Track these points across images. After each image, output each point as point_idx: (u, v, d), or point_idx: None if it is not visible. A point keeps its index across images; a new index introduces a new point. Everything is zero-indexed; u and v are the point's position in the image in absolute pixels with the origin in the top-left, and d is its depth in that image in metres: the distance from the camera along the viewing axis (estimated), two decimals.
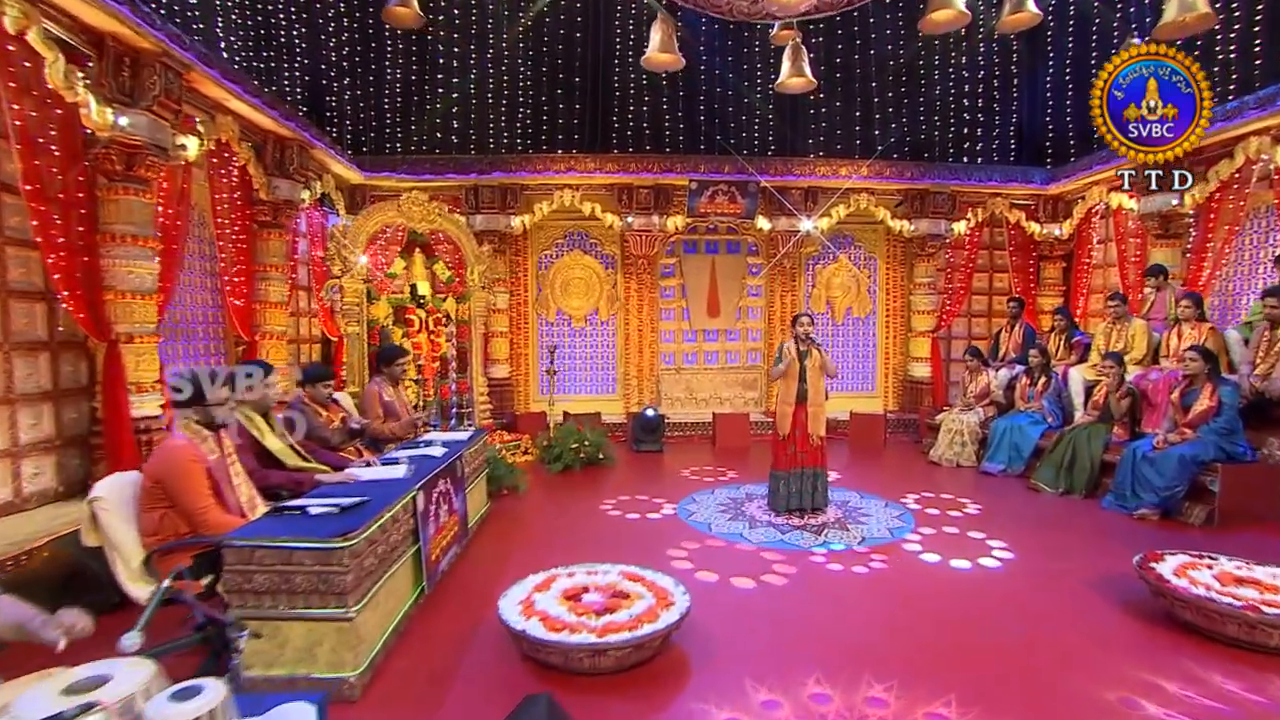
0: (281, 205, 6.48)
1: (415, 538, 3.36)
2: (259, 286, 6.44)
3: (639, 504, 5.54)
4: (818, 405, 5.15)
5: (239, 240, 6.15)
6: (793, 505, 5.18)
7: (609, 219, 8.64)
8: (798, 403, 5.16)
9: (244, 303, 6.24)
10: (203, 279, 6.06)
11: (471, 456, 4.76)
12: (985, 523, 5.03)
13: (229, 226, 6.00)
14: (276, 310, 6.56)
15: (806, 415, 5.14)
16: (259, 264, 6.45)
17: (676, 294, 9.44)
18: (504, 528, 4.91)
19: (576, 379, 9.43)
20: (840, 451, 8.00)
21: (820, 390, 5.17)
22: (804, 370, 5.15)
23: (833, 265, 9.56)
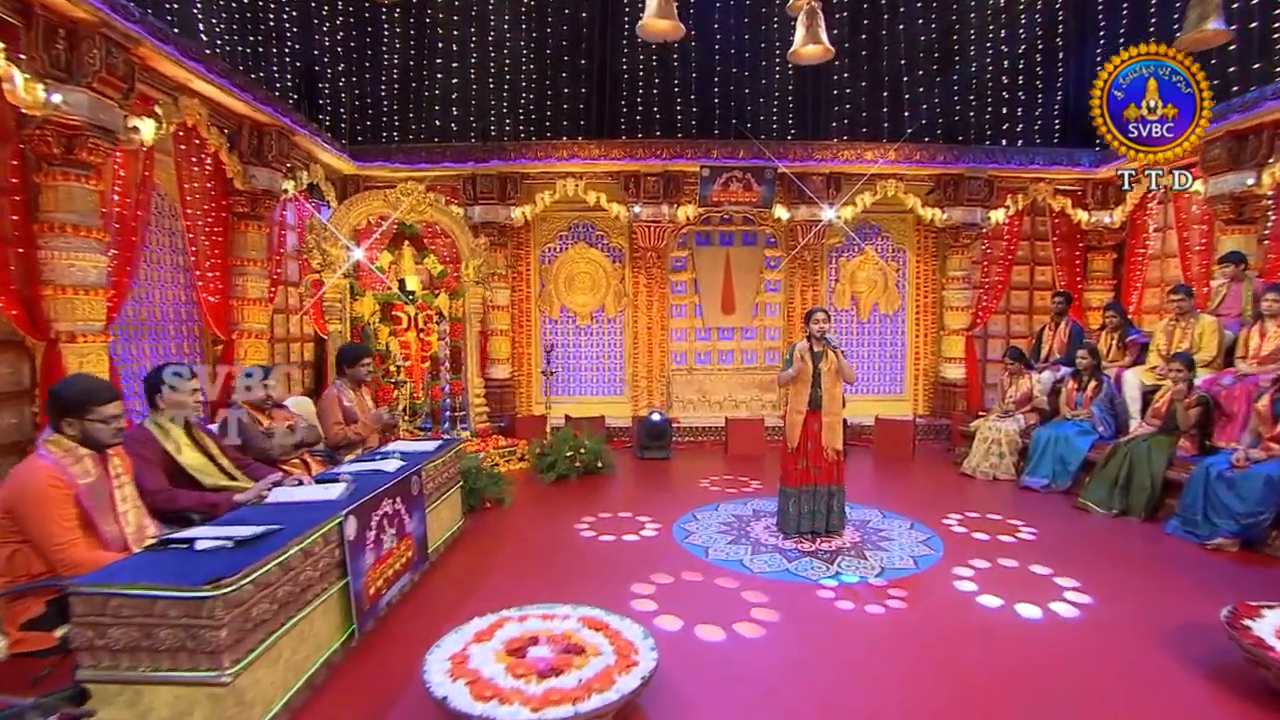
0: (260, 196, 6.10)
1: (343, 571, 2.89)
2: (236, 282, 6.07)
3: (632, 522, 4.99)
4: (833, 414, 4.54)
5: (213, 232, 5.79)
6: (804, 528, 4.59)
7: (615, 209, 8.12)
8: (810, 411, 4.57)
9: (219, 299, 5.88)
10: (174, 274, 5.70)
11: (440, 468, 4.29)
12: (1045, 552, 4.30)
13: (201, 218, 5.64)
14: (255, 307, 6.20)
15: (820, 425, 4.55)
16: (236, 258, 6.08)
17: (688, 289, 8.87)
18: (476, 549, 4.42)
19: (582, 380, 8.93)
20: (864, 461, 7.35)
21: (837, 398, 4.56)
22: (818, 374, 4.55)
23: (858, 258, 8.88)
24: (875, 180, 8.13)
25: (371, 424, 4.40)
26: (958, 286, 8.55)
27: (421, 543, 3.79)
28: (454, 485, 4.58)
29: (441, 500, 4.29)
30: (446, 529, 4.38)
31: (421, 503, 3.82)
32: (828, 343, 4.51)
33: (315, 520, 2.74)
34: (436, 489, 4.19)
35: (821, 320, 4.56)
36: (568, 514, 5.20)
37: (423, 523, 3.83)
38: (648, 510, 5.32)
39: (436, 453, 4.24)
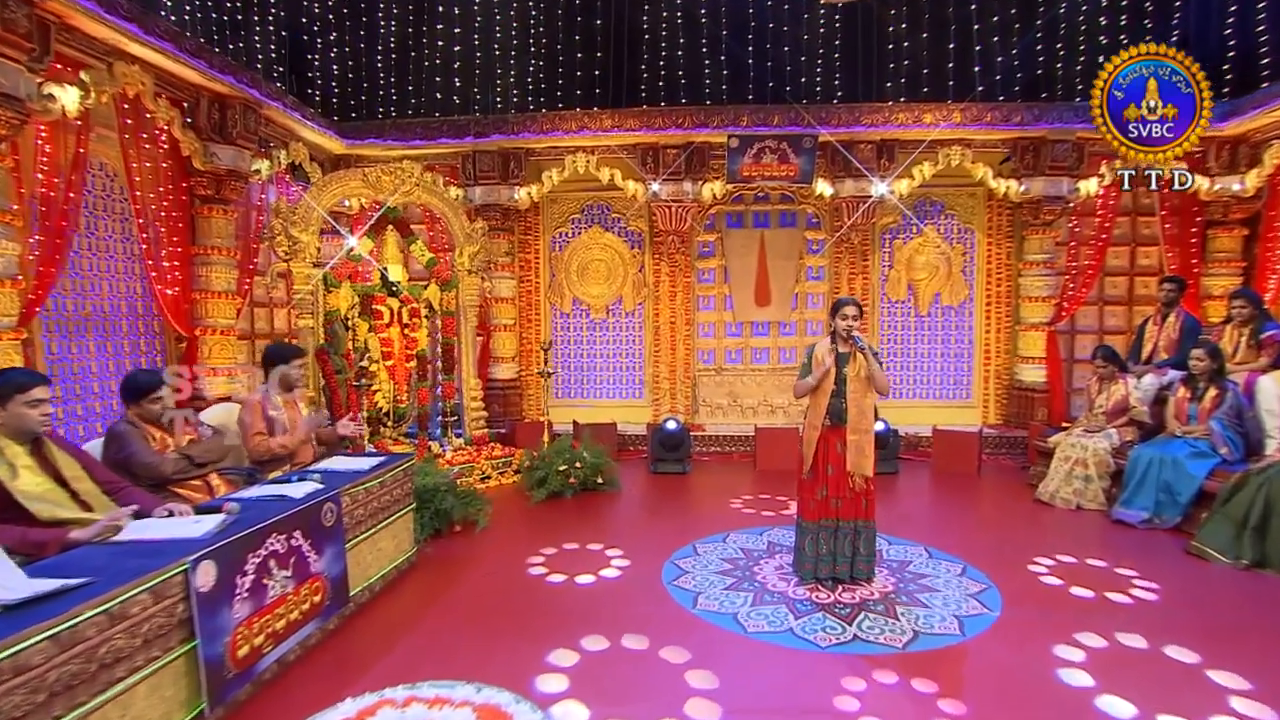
0: (225, 177, 5.78)
1: (190, 631, 2.39)
2: (199, 272, 5.78)
3: (598, 558, 4.34)
4: (861, 432, 3.80)
5: (171, 218, 5.48)
6: (821, 572, 3.87)
7: (631, 187, 7.50)
8: (831, 426, 3.84)
9: (179, 292, 5.59)
10: (127, 263, 5.43)
11: (376, 491, 3.79)
12: (1178, 624, 3.34)
13: (155, 201, 5.34)
14: (222, 300, 5.89)
15: (844, 445, 3.81)
16: (199, 246, 5.79)
17: (717, 278, 8.17)
18: (418, 588, 3.91)
19: (596, 382, 8.37)
20: (917, 480, 6.50)
21: (865, 410, 3.81)
22: (843, 381, 3.81)
23: (916, 240, 7.97)
24: (937, 147, 7.22)
25: (303, 435, 3.94)
26: (1038, 273, 7.52)
27: (338, 584, 3.30)
28: (401, 510, 4.08)
29: (379, 529, 3.79)
30: (387, 563, 3.88)
31: (338, 535, 3.32)
32: (856, 342, 3.77)
33: (143, 570, 2.25)
34: (370, 516, 3.69)
35: (851, 315, 3.82)
36: (553, 541, 4.63)
37: (340, 559, 3.33)
38: (637, 539, 4.69)
39: (370, 473, 3.74)
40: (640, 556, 4.36)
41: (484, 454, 6.58)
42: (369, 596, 3.64)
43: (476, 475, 6.32)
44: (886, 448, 6.64)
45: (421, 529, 4.56)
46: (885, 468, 6.58)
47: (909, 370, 8.06)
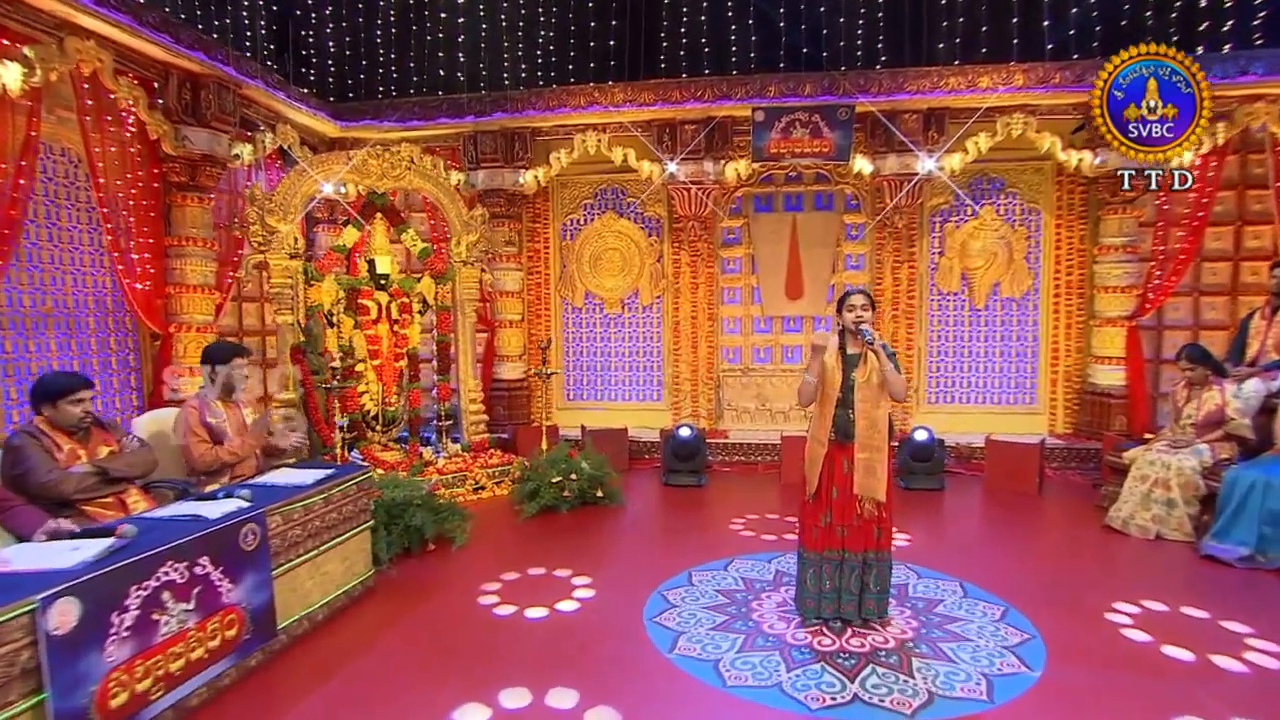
0: (199, 162, 5.68)
1: (39, 683, 2.17)
2: (173, 265, 5.70)
3: (562, 586, 4.01)
4: (872, 449, 3.35)
5: (141, 206, 5.41)
6: (825, 612, 3.45)
7: (646, 168, 7.14)
8: (836, 441, 3.41)
9: (151, 286, 5.52)
10: (95, 256, 5.38)
11: (321, 508, 3.55)
12: None
13: (122, 189, 5.27)
14: (198, 295, 5.80)
15: (851, 464, 3.37)
16: (173, 237, 5.71)
17: (744, 268, 7.73)
18: (365, 618, 3.65)
19: (611, 383, 8.05)
20: (964, 498, 5.94)
21: (877, 423, 3.36)
22: (849, 387, 3.38)
23: (971, 223, 7.35)
24: (995, 116, 6.61)
25: (255, 441, 3.74)
26: (1117, 258, 6.82)
27: (261, 615, 3.06)
28: (354, 528, 3.84)
29: (323, 550, 3.55)
30: (335, 588, 3.65)
31: (262, 561, 3.08)
32: (864, 337, 3.32)
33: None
34: (311, 536, 3.46)
35: (859, 305, 3.39)
36: (515, 565, 4.33)
37: (265, 587, 3.10)
38: (624, 565, 4.36)
39: (312, 488, 3.50)
40: (618, 586, 4.01)
41: (479, 462, 6.35)
42: (307, 628, 3.41)
43: (469, 486, 6.09)
44: (931, 460, 6.11)
45: (388, 548, 4.34)
46: (928, 484, 6.06)
47: (962, 372, 7.46)
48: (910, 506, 5.64)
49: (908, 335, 7.33)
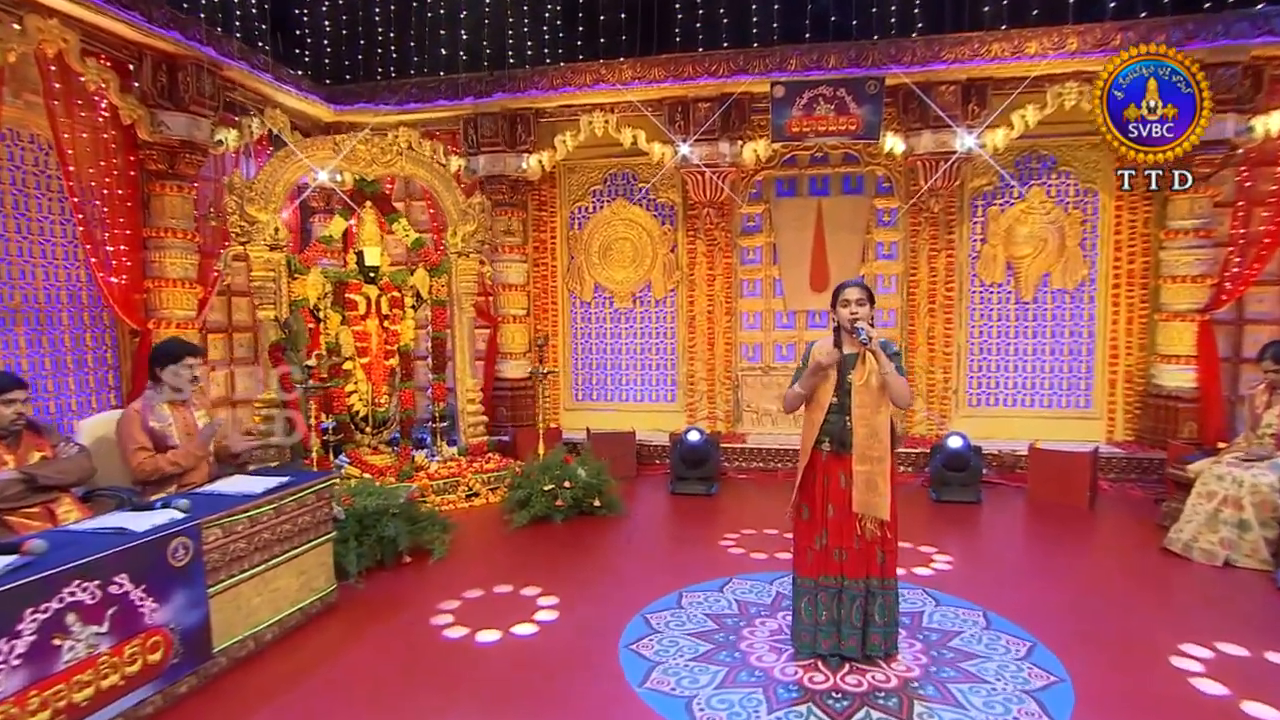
0: (179, 149, 5.68)
1: None
2: (151, 258, 5.71)
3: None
4: (872, 460, 3.09)
5: (116, 196, 5.42)
6: (823, 646, 3.20)
7: (656, 150, 6.94)
8: (832, 452, 3.17)
9: (126, 280, 5.54)
10: (69, 248, 5.40)
11: (278, 516, 3.45)
12: None
13: (96, 176, 5.29)
14: (178, 289, 5.81)
15: (848, 478, 3.13)
16: (151, 228, 5.72)
17: (765, 258, 7.48)
18: (326, 637, 3.56)
19: (621, 382, 7.87)
20: (1002, 512, 5.61)
21: (878, 431, 3.10)
22: (846, 391, 3.13)
23: (1017, 206, 6.97)
24: (1044, 85, 6.23)
25: (199, 449, 3.67)
26: (1187, 243, 6.36)
27: (193, 637, 2.96)
28: (313, 540, 3.74)
29: (274, 565, 3.45)
30: (289, 605, 3.55)
31: (195, 577, 2.99)
32: (858, 335, 3.07)
33: None
34: (259, 550, 3.36)
35: (855, 299, 3.14)
36: (482, 581, 4.19)
37: (199, 606, 3.00)
38: (607, 583, 4.21)
39: (262, 497, 3.40)
40: (599, 606, 3.85)
41: (474, 467, 6.24)
42: (252, 650, 3.31)
43: (462, 492, 6.00)
44: (966, 470, 5.78)
45: (358, 560, 4.24)
46: (963, 496, 5.74)
47: (1007, 372, 7.07)
48: (940, 521, 5.35)
49: (945, 331, 6.98)
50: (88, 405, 5.48)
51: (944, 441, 5.86)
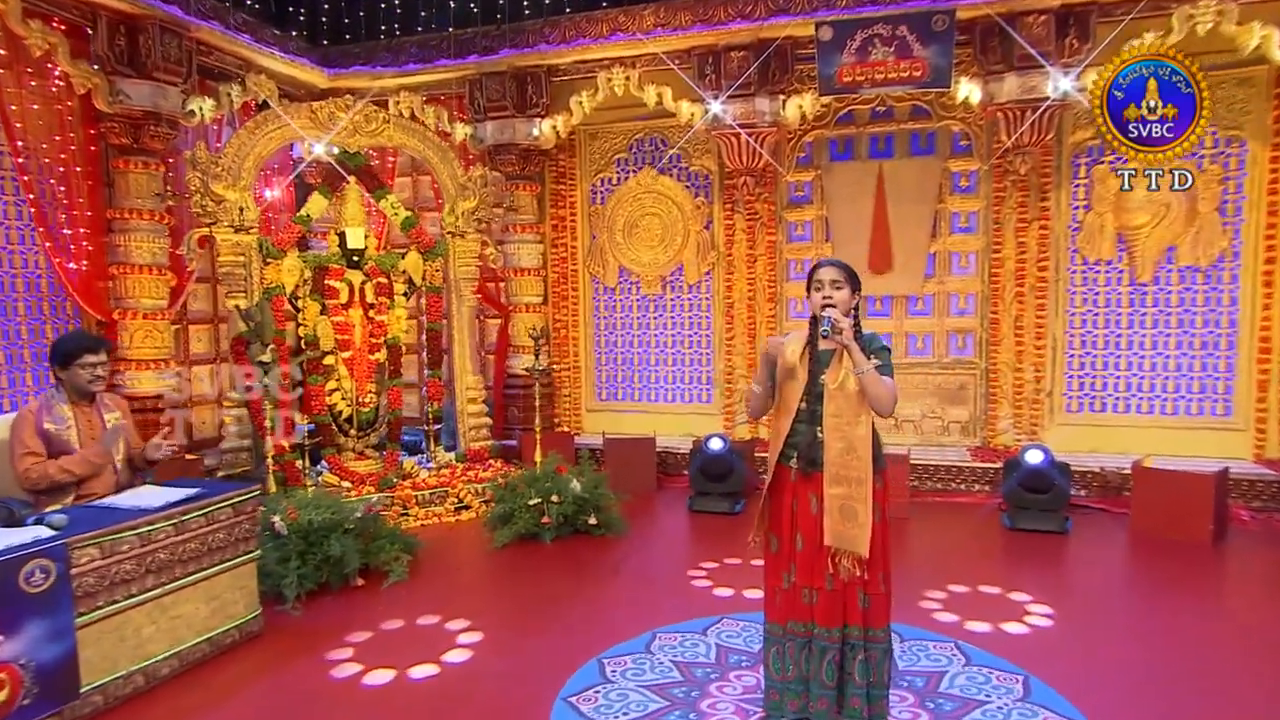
0: (143, 120, 5.80)
1: None
2: (116, 242, 5.87)
3: (480, 638, 3.73)
4: (849, 481, 2.75)
5: (74, 174, 5.60)
6: (791, 709, 2.87)
7: (684, 110, 6.66)
8: (800, 471, 2.85)
9: (87, 266, 5.72)
10: (27, 230, 5.58)
11: (180, 533, 3.41)
12: None
13: (50, 153, 5.47)
14: (145, 276, 5.94)
15: (819, 503, 2.80)
16: (116, 209, 5.88)
17: (815, 234, 7.06)
18: (239, 670, 3.50)
19: (650, 380, 7.64)
20: (1098, 545, 5.06)
21: (856, 445, 2.75)
22: (817, 396, 2.81)
23: (1132, 163, 6.26)
24: (1171, 6, 5.56)
25: (96, 457, 3.64)
26: None
27: (52, 672, 2.89)
28: (229, 560, 3.69)
29: (174, 588, 3.40)
30: (194, 636, 3.50)
31: (60, 605, 2.93)
32: (824, 332, 2.75)
33: None
34: (153, 572, 3.30)
35: (829, 283, 2.81)
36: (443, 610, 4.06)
37: (64, 637, 2.94)
38: (572, 616, 4.01)
39: (159, 512, 3.36)
40: (550, 646, 3.65)
41: (468, 475, 6.17)
42: (140, 686, 3.24)
43: (450, 504, 5.93)
44: (1050, 492, 5.24)
45: (299, 583, 4.20)
46: (1044, 524, 5.21)
47: (1116, 370, 6.39)
48: (1008, 555, 4.89)
49: (1037, 320, 6.38)
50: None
51: (1021, 456, 5.32)
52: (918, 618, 3.86)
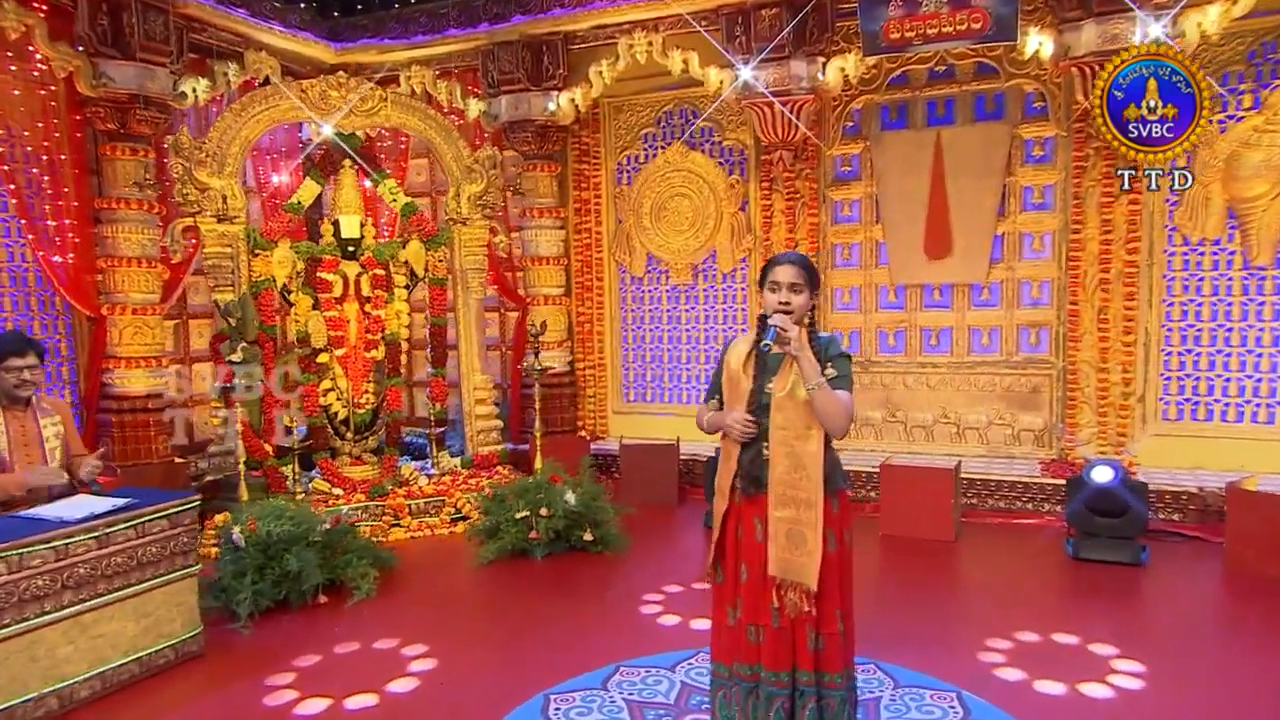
0: (129, 104, 6.01)
1: None
2: (104, 233, 6.11)
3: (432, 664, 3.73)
4: (798, 504, 2.60)
5: (58, 162, 5.85)
6: None
7: (713, 77, 6.52)
8: (745, 493, 2.72)
9: (74, 258, 5.98)
10: (11, 222, 5.85)
11: (101, 546, 3.51)
12: None
13: (32, 140, 5.72)
14: (135, 269, 6.16)
15: (764, 528, 2.66)
16: (104, 198, 6.13)
17: (864, 214, 6.80)
18: (165, 696, 3.58)
19: (681, 380, 7.51)
20: (1181, 578, 4.70)
21: (805, 463, 2.59)
22: (764, 408, 2.68)
23: (1247, 123, 5.80)
24: None
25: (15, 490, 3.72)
26: None
27: None
28: (163, 575, 3.78)
29: (97, 605, 3.49)
30: (120, 656, 3.58)
31: None
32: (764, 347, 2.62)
33: None
34: (71, 588, 3.37)
35: (786, 285, 2.67)
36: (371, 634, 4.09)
37: None
38: (525, 643, 3.96)
39: (77, 524, 3.46)
40: (494, 675, 3.63)
41: (470, 484, 6.21)
42: (53, 710, 3.33)
43: (447, 514, 5.98)
44: (1124, 516, 4.87)
45: (254, 599, 4.29)
46: (1113, 553, 4.84)
47: (1225, 371, 5.90)
48: (1067, 592, 4.61)
49: (1126, 311, 5.96)
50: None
51: (1087, 474, 4.96)
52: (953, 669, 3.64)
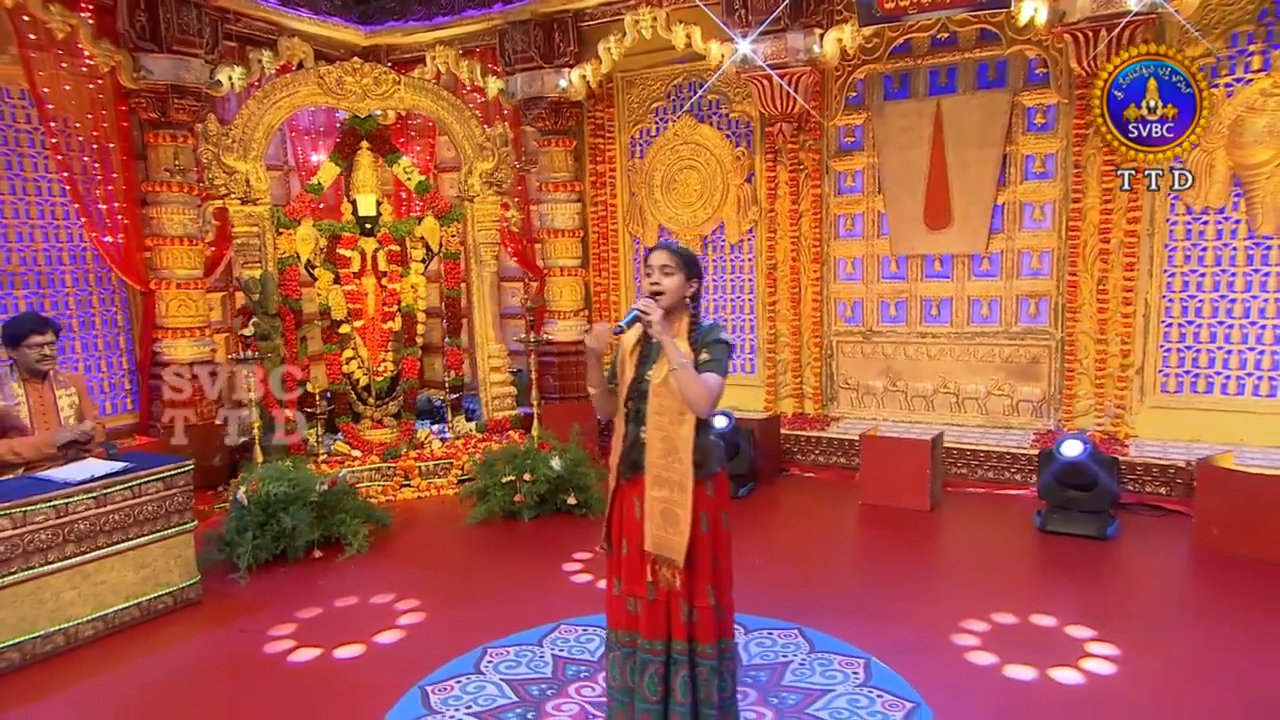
0: (168, 94, 6.36)
1: None
2: (150, 214, 6.52)
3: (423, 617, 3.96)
4: (670, 485, 2.69)
5: (106, 150, 6.24)
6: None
7: (714, 50, 6.48)
8: (624, 475, 2.84)
9: (124, 238, 6.40)
10: (70, 206, 6.30)
11: (100, 505, 3.87)
12: None
13: (83, 130, 6.13)
14: (179, 247, 6.55)
15: (641, 507, 2.77)
16: (150, 182, 6.52)
17: (866, 185, 6.68)
18: (159, 637, 3.94)
19: None
20: (1145, 552, 4.62)
21: (678, 446, 2.68)
22: (640, 394, 2.78)
23: (1254, 87, 5.45)
24: None
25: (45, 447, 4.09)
26: None
27: None
28: (160, 531, 4.12)
29: (97, 556, 3.86)
30: (122, 600, 3.96)
31: None
32: (620, 329, 2.73)
33: None
34: (73, 541, 3.75)
35: (658, 268, 2.75)
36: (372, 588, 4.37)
37: None
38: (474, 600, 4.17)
39: (77, 486, 3.81)
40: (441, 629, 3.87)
41: (476, 448, 6.44)
42: (60, 646, 3.72)
43: (454, 476, 6.25)
44: (1094, 490, 4.79)
45: (254, 554, 4.62)
46: (1081, 527, 4.78)
47: (1228, 344, 5.63)
48: (1029, 564, 4.59)
49: (1125, 281, 5.75)
50: (97, 369, 6.48)
51: (1056, 450, 4.86)
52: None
